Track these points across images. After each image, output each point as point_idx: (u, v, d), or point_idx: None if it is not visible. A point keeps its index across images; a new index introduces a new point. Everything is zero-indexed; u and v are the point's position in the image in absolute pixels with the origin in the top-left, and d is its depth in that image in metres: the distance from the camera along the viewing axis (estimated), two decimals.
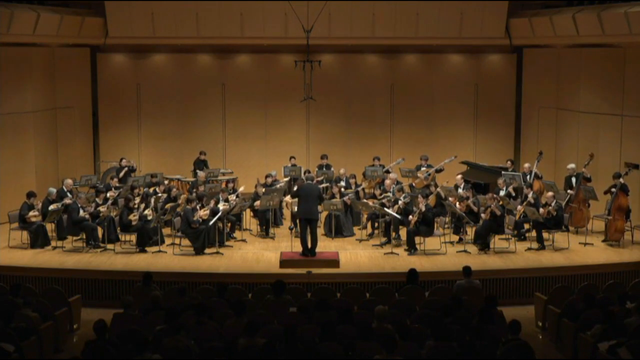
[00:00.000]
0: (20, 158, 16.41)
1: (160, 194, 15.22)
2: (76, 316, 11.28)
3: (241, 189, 15.19)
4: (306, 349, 7.96)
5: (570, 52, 17.38)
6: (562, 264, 13.06)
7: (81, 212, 13.82)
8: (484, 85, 19.18)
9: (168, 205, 14.48)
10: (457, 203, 14.36)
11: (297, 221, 13.87)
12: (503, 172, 15.66)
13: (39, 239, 13.91)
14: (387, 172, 16.22)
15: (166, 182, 16.45)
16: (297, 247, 13.35)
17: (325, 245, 14.07)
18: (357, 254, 13.65)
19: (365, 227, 15.07)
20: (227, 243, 14.20)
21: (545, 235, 13.94)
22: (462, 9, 17.20)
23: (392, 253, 13.58)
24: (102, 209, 14.07)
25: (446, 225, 14.85)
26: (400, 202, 13.97)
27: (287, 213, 15.78)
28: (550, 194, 14.20)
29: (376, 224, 14.65)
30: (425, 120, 19.22)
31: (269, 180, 15.76)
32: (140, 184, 15.46)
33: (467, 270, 11.21)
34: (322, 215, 14.65)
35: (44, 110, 17.25)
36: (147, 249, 13.76)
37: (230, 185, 15.45)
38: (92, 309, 11.87)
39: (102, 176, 17.62)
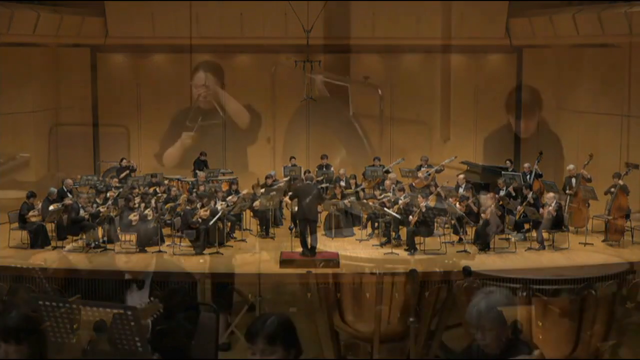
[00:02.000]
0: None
1: (160, 194, 15.22)
2: (76, 316, 11.25)
3: (244, 192, 15.07)
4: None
5: (570, 52, 17.37)
6: (562, 264, 13.06)
7: (81, 211, 13.83)
8: (484, 85, 19.18)
9: (168, 205, 14.47)
10: (457, 203, 14.36)
11: (297, 221, 13.87)
12: (503, 172, 15.65)
13: (39, 239, 13.89)
14: (387, 172, 16.21)
15: (166, 182, 16.45)
16: (297, 247, 13.33)
17: (325, 245, 14.07)
18: (357, 254, 13.65)
19: (365, 227, 15.06)
20: (227, 243, 14.19)
21: (545, 235, 13.94)
22: (462, 9, 17.20)
23: (392, 253, 13.58)
24: (102, 209, 14.08)
25: (446, 225, 14.85)
26: (400, 202, 13.97)
27: (287, 213, 15.77)
28: (550, 194, 14.18)
29: (376, 224, 14.64)
30: (425, 120, 19.21)
31: (269, 180, 15.73)
32: (140, 184, 15.45)
33: (467, 270, 11.20)
34: (322, 216, 14.64)
35: (44, 110, 17.25)
36: (147, 249, 13.76)
37: (234, 187, 15.42)
38: (92, 309, 11.83)
39: (102, 176, 17.61)
